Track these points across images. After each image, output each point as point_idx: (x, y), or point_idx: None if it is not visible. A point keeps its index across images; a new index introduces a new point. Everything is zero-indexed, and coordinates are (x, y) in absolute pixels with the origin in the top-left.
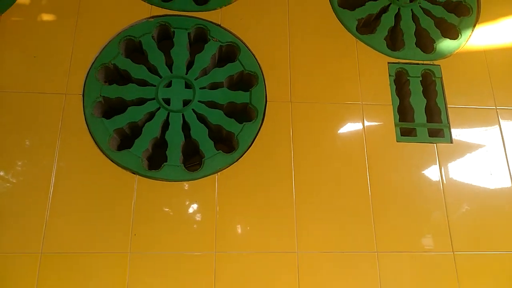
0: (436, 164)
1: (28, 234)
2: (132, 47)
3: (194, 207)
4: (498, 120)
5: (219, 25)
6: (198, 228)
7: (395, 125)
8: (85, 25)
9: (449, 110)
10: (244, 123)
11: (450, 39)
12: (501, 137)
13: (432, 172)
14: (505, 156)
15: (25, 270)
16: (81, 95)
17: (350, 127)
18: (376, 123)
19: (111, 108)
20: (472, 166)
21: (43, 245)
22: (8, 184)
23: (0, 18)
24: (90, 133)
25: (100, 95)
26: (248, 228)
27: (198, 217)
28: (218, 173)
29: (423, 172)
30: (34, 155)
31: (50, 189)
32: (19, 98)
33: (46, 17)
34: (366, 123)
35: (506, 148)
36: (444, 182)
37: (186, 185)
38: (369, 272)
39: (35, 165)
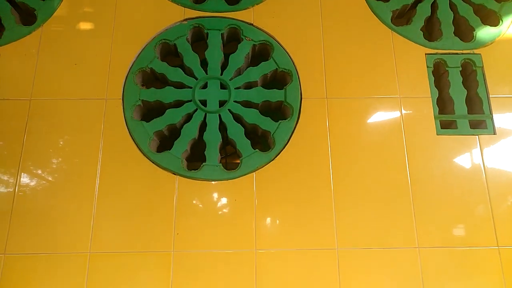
0: (479, 156)
1: (77, 234)
2: (167, 50)
3: (233, 205)
4: None
5: (251, 24)
6: (238, 226)
7: (435, 118)
8: (121, 31)
9: (491, 100)
10: (280, 121)
11: (491, 26)
12: None
13: (475, 165)
14: None
15: (75, 269)
16: (121, 99)
17: (388, 121)
18: (415, 116)
19: (150, 111)
20: None
21: (91, 245)
22: (55, 187)
23: (41, 28)
24: (131, 136)
25: (139, 99)
26: (287, 225)
27: (237, 215)
28: (256, 172)
29: (465, 165)
30: (79, 159)
31: (95, 191)
32: (63, 104)
33: (84, 25)
34: (405, 117)
35: None
36: (488, 174)
37: (225, 184)
38: (411, 269)
39: (81, 168)
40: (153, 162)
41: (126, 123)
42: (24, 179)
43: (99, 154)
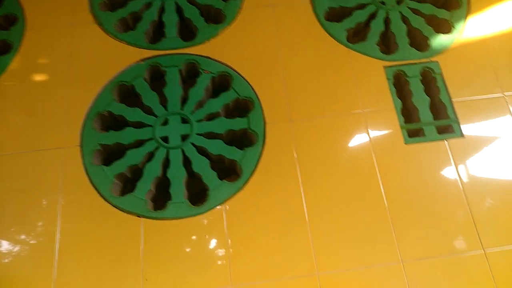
0: (450, 161)
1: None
2: (125, 91)
3: (204, 242)
4: (508, 106)
5: (209, 57)
6: (211, 264)
7: (401, 127)
8: (77, 77)
9: (455, 104)
10: (245, 148)
11: (444, 33)
12: None
13: (447, 170)
14: None
15: None
16: (79, 146)
17: (355, 136)
18: (381, 129)
19: (112, 155)
20: (488, 157)
21: None
22: (14, 247)
23: None
24: (91, 182)
25: (98, 143)
26: (263, 255)
27: (210, 251)
28: (225, 203)
29: (438, 171)
30: (37, 213)
31: (55, 246)
32: (18, 158)
33: (39, 77)
34: (371, 130)
35: None
36: (462, 178)
37: (194, 220)
38: (396, 284)
39: (39, 225)
40: (116, 207)
41: (85, 170)
42: None
43: (58, 206)
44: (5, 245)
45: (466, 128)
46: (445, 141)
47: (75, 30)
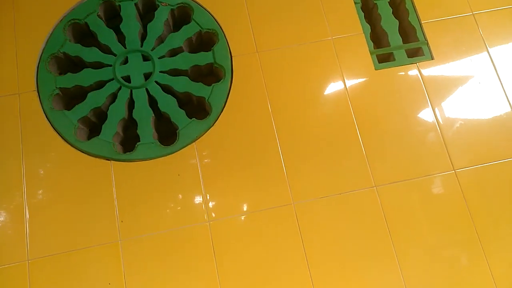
0: (421, 84)
1: (11, 244)
2: (79, 31)
3: (178, 181)
4: (477, 25)
5: None
6: (185, 202)
7: (371, 53)
8: (24, 17)
9: (424, 26)
10: (213, 84)
11: None
12: (483, 42)
13: (418, 93)
14: (491, 62)
15: (14, 280)
16: (36, 91)
17: (324, 65)
18: (350, 55)
19: (73, 99)
20: (458, 79)
21: (28, 252)
22: None
23: None
24: (54, 128)
25: (56, 87)
26: (238, 190)
27: (184, 190)
28: (196, 141)
29: (409, 95)
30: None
31: (23, 196)
32: None
33: None
34: (340, 57)
35: (490, 53)
36: (432, 100)
37: (165, 160)
38: (371, 209)
39: (3, 173)
40: (83, 152)
41: (46, 115)
42: None
43: (21, 154)
44: None
45: (437, 50)
46: (416, 64)
47: None
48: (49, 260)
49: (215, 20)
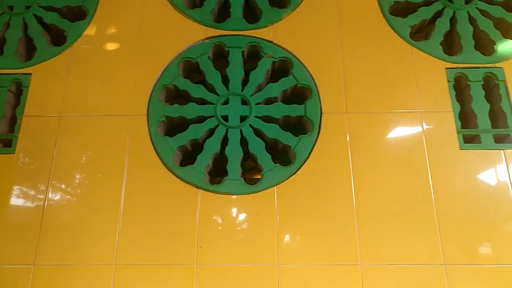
0: (505, 171)
1: (103, 247)
2: (190, 68)
3: (255, 219)
4: None
5: (271, 42)
6: (260, 241)
7: (457, 132)
8: (146, 50)
9: None
10: (300, 135)
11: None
12: None
13: (500, 180)
14: None
15: (101, 280)
16: (146, 116)
17: (409, 136)
18: (437, 131)
19: (173, 127)
20: None
21: (116, 257)
22: (83, 201)
23: (71, 48)
24: (155, 150)
25: (163, 115)
26: (310, 240)
27: (259, 229)
28: (277, 186)
29: (491, 180)
30: (106, 173)
31: (120, 205)
32: (90, 120)
33: (111, 45)
34: (426, 131)
35: None
36: None
37: (247, 198)
38: (436, 286)
39: (107, 182)
40: (176, 176)
41: (150, 138)
42: (53, 194)
43: (125, 168)
44: (75, 197)
45: None
46: (502, 151)
47: (145, 2)
48: (132, 269)
49: (311, 77)
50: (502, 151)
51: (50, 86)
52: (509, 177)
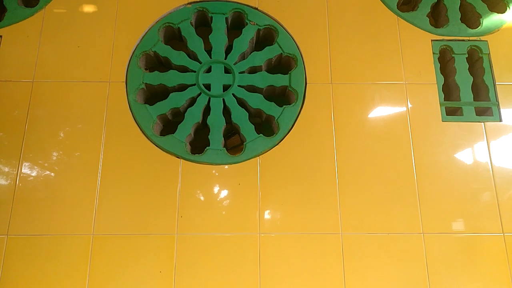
0: (484, 143)
1: (80, 216)
2: (171, 34)
3: (237, 189)
4: None
5: (256, 9)
6: (241, 210)
7: (440, 105)
8: (125, 14)
9: (497, 87)
10: (284, 106)
11: (498, 13)
12: None
13: (480, 152)
14: None
15: (78, 251)
16: (124, 83)
17: (393, 107)
18: (420, 103)
19: (153, 95)
20: None
21: (94, 227)
22: (59, 170)
23: (44, 10)
24: (134, 119)
25: (143, 82)
26: (291, 209)
27: (241, 199)
28: (260, 156)
29: (471, 152)
30: (82, 141)
31: (98, 175)
32: (65, 87)
33: (87, 8)
34: (410, 103)
35: None
36: (493, 162)
37: (229, 168)
38: (415, 254)
39: (84, 151)
40: (156, 146)
41: (129, 106)
42: (26, 165)
43: (102, 137)
44: (50, 168)
45: (506, 113)
46: (483, 123)
47: None
48: (110, 239)
49: (297, 46)
50: (483, 123)
51: (22, 49)
52: (489, 149)
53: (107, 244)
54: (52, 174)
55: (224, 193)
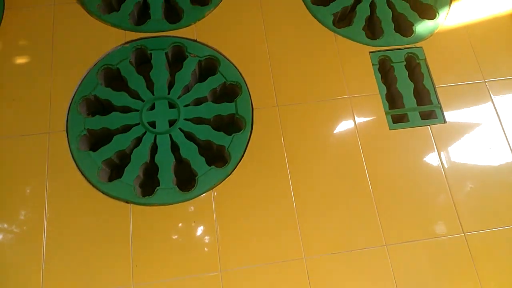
0: (433, 146)
1: (28, 278)
2: (110, 75)
3: (193, 228)
4: (489, 92)
5: (195, 40)
6: (200, 249)
7: (386, 114)
8: (61, 60)
9: (438, 90)
10: (233, 134)
11: (428, 19)
12: (494, 109)
13: (430, 155)
14: (501, 128)
15: None
16: (65, 131)
17: (340, 122)
18: (366, 114)
19: (98, 140)
20: (469, 143)
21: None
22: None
23: None
24: (78, 168)
25: (84, 128)
26: (251, 241)
27: (198, 237)
28: (214, 189)
29: (421, 156)
30: (24, 199)
31: (43, 233)
32: (3, 143)
33: (21, 59)
34: (356, 116)
35: (501, 119)
36: (444, 163)
37: (182, 206)
38: (381, 267)
39: (26, 209)
40: (103, 193)
41: (72, 155)
42: None
43: (45, 191)
44: None
45: (449, 114)
46: (429, 126)
47: (57, 9)
48: None
49: (240, 73)
50: (428, 126)
51: None
52: (437, 150)
53: None
54: None
55: (179, 233)
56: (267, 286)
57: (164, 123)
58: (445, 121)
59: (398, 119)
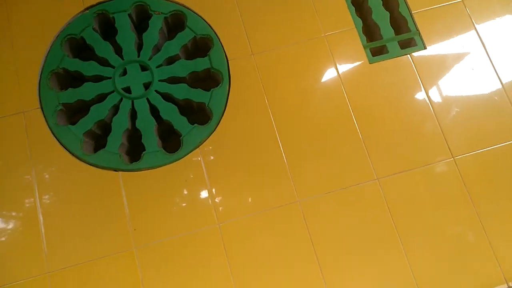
0: (415, 74)
1: (29, 259)
2: (76, 45)
3: (185, 187)
4: (467, 11)
5: None
6: (195, 206)
7: (364, 47)
8: (21, 36)
9: (414, 16)
10: (212, 89)
11: None
12: (474, 29)
13: (413, 84)
14: (483, 47)
15: None
16: (40, 108)
17: (319, 62)
18: (344, 51)
19: (75, 113)
20: (452, 66)
21: (47, 264)
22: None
23: None
24: (60, 143)
25: (59, 103)
26: (244, 191)
27: (192, 195)
28: (200, 147)
29: (404, 86)
30: (11, 183)
31: (38, 212)
32: None
33: None
34: (335, 54)
35: (481, 38)
36: (427, 89)
37: (171, 167)
38: (374, 201)
39: (16, 192)
40: (91, 165)
41: (51, 131)
42: None
43: (32, 170)
44: None
45: (429, 39)
46: (409, 55)
47: None
48: (68, 272)
49: (209, 25)
50: (409, 55)
51: None
52: (419, 78)
53: (66, 278)
54: None
55: (172, 194)
56: (266, 232)
57: (139, 87)
58: (425, 47)
59: (377, 52)
